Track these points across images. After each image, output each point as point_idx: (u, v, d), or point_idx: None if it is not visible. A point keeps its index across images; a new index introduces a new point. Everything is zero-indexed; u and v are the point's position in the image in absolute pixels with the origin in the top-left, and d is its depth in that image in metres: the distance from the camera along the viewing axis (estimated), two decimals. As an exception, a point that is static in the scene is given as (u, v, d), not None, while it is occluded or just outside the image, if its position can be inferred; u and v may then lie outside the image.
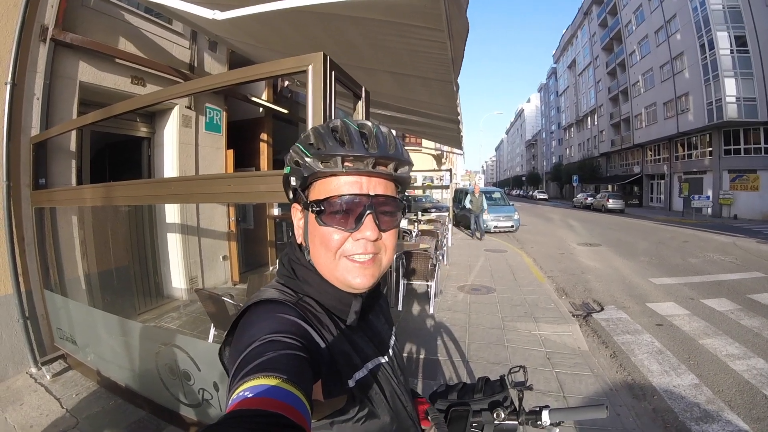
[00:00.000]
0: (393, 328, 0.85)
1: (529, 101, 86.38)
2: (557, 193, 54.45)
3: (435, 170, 20.39)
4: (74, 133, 3.73)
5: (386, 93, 4.34)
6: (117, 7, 4.12)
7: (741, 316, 4.90)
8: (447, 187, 15.30)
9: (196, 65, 5.14)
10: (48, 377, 3.08)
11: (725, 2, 22.63)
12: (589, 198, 30.45)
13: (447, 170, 15.59)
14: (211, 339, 3.21)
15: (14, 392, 2.87)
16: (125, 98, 3.40)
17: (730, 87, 22.25)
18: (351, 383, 0.61)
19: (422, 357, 3.63)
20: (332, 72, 1.51)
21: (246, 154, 6.16)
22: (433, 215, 11.90)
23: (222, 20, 2.07)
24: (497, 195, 15.15)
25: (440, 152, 22.38)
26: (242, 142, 6.06)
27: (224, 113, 5.57)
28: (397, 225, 0.67)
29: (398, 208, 0.67)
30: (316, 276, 0.67)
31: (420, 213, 12.06)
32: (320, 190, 0.63)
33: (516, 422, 0.85)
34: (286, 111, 6.74)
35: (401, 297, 4.93)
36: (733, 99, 22.13)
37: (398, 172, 0.65)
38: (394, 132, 0.69)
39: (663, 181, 29.56)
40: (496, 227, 13.31)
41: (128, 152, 5.00)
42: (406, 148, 0.68)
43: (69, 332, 3.17)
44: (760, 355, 3.77)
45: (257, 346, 0.50)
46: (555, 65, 58.59)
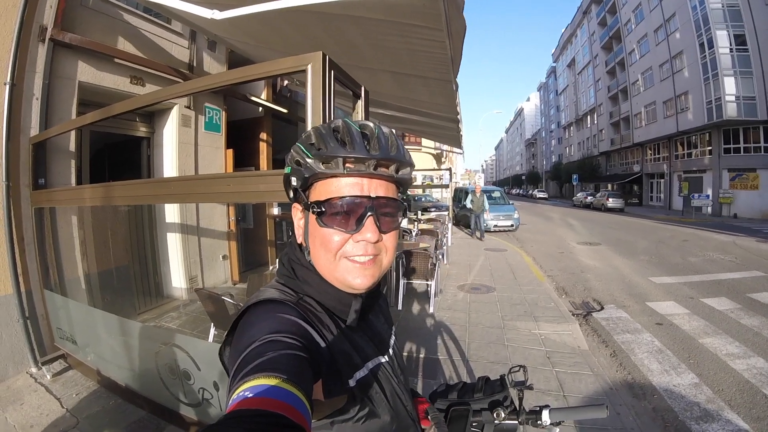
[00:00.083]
0: (393, 328, 0.85)
1: (529, 100, 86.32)
2: (557, 192, 54.43)
3: (435, 169, 20.37)
4: (73, 133, 3.73)
5: (386, 92, 4.34)
6: (116, 7, 4.11)
7: (741, 315, 4.90)
8: (447, 187, 15.30)
9: (195, 65, 5.14)
10: (48, 377, 3.08)
11: (724, 1, 22.59)
12: (589, 197, 30.42)
13: (447, 169, 15.57)
14: (211, 338, 3.21)
15: (14, 392, 2.88)
16: (124, 98, 3.41)
17: (730, 86, 22.23)
18: (351, 383, 0.61)
19: (422, 356, 3.63)
20: (331, 71, 1.51)
21: (245, 154, 6.16)
22: (433, 214, 11.90)
23: (221, 20, 2.07)
24: (497, 194, 15.16)
25: (440, 151, 22.36)
26: (242, 142, 6.06)
27: (223, 113, 5.57)
28: (398, 226, 0.67)
29: (399, 210, 0.67)
30: (316, 276, 0.66)
31: (420, 212, 12.05)
32: (321, 191, 0.63)
33: (516, 422, 0.85)
34: (286, 110, 6.74)
35: (401, 296, 4.93)
36: (733, 98, 22.11)
37: (399, 174, 0.65)
38: (395, 132, 0.68)
39: (663, 180, 29.56)
40: (496, 226, 13.32)
41: (127, 152, 5.00)
42: (406, 148, 0.68)
43: (69, 332, 3.17)
44: (760, 355, 3.78)
45: (257, 346, 0.49)
46: (554, 64, 58.53)
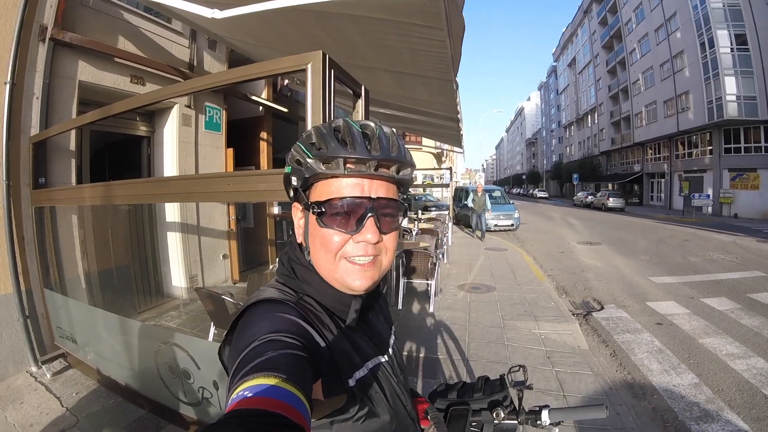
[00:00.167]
0: (392, 328, 0.85)
1: (529, 99, 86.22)
2: (557, 192, 54.39)
3: (435, 169, 20.38)
4: (74, 133, 3.72)
5: (386, 91, 4.34)
6: (116, 6, 4.11)
7: (741, 315, 4.90)
8: (447, 186, 15.29)
9: (196, 64, 5.13)
10: (48, 376, 3.08)
11: (725, 0, 22.57)
12: (590, 196, 30.41)
13: (447, 169, 15.57)
14: (211, 338, 3.21)
15: (14, 391, 2.88)
16: (125, 97, 3.41)
17: (731, 85, 22.20)
18: (351, 382, 0.61)
19: (422, 356, 3.63)
20: (331, 70, 1.51)
21: (246, 153, 6.15)
22: (433, 214, 11.90)
23: (221, 19, 2.07)
24: (497, 193, 15.15)
25: (440, 151, 22.36)
26: (242, 141, 6.05)
27: (224, 112, 5.57)
28: (398, 227, 0.67)
29: (399, 210, 0.66)
30: (316, 276, 0.66)
31: (420, 211, 12.05)
32: (321, 191, 0.63)
33: (515, 422, 0.85)
34: (286, 109, 6.73)
35: (401, 296, 4.93)
36: (734, 97, 22.08)
37: (400, 174, 0.65)
38: (396, 131, 0.68)
39: (663, 180, 29.53)
40: (496, 226, 13.32)
41: (128, 151, 5.00)
42: (407, 147, 0.67)
43: (69, 331, 3.17)
44: (760, 355, 3.77)
45: (257, 346, 0.49)
46: (555, 63, 58.47)
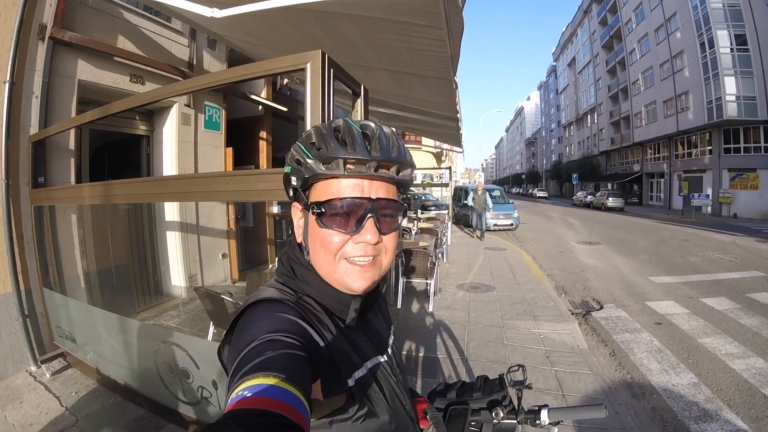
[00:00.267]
0: (392, 327, 0.85)
1: (529, 99, 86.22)
2: (557, 191, 54.42)
3: (435, 168, 20.38)
4: (73, 132, 3.72)
5: (385, 91, 4.34)
6: (116, 5, 4.10)
7: (740, 315, 4.90)
8: (446, 185, 15.30)
9: (195, 63, 5.13)
10: (47, 375, 3.08)
11: (725, 1, 22.57)
12: (589, 196, 30.41)
13: (447, 168, 15.58)
14: (210, 337, 3.21)
15: (14, 390, 2.87)
16: (124, 96, 3.40)
17: (730, 85, 22.21)
18: (350, 382, 0.61)
19: (421, 355, 3.63)
20: (331, 70, 1.51)
21: (245, 152, 6.15)
22: (433, 213, 11.90)
23: (221, 18, 2.07)
24: (497, 193, 15.15)
25: (440, 150, 22.38)
26: (241, 140, 6.05)
27: (223, 111, 5.57)
28: (398, 227, 0.67)
29: (399, 211, 0.66)
30: (316, 276, 0.66)
31: (419, 211, 12.06)
32: (321, 192, 0.63)
33: (515, 421, 0.85)
34: (286, 109, 6.73)
35: (400, 295, 4.93)
36: (733, 97, 22.09)
37: (400, 175, 0.65)
38: (395, 131, 0.68)
39: (663, 180, 29.55)
40: (496, 225, 13.33)
41: (127, 150, 4.99)
42: (407, 147, 0.67)
43: (68, 330, 3.17)
44: (759, 355, 3.78)
45: (256, 345, 0.49)
46: (555, 63, 58.45)
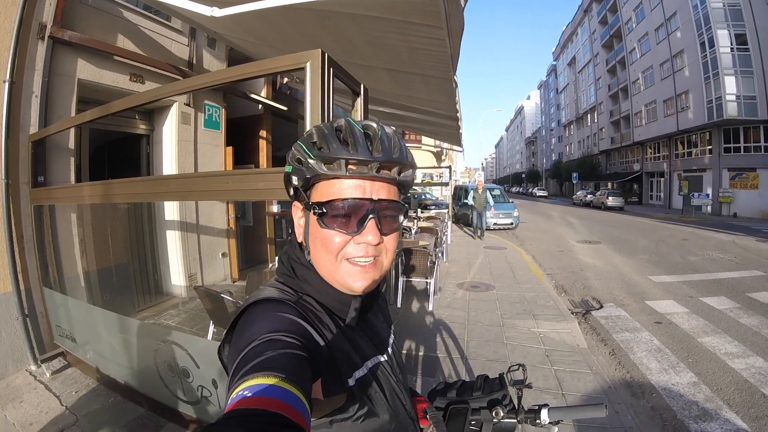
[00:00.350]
0: (392, 327, 0.85)
1: (529, 98, 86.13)
2: (557, 191, 54.40)
3: (434, 167, 20.38)
4: (73, 131, 3.71)
5: (385, 90, 4.34)
6: (115, 5, 4.09)
7: (740, 315, 4.91)
8: (446, 184, 15.30)
9: (195, 62, 5.12)
10: (47, 375, 3.08)
11: (725, 0, 22.55)
12: (589, 195, 30.41)
13: (446, 167, 15.57)
14: (210, 336, 3.21)
15: (14, 390, 2.88)
16: (124, 95, 3.40)
17: (730, 85, 22.20)
18: (351, 382, 0.61)
19: (421, 354, 3.63)
20: (330, 69, 1.51)
21: (245, 151, 6.15)
22: (433, 212, 11.91)
23: (220, 17, 2.06)
24: (497, 192, 15.15)
25: (440, 149, 22.36)
26: (241, 139, 6.05)
27: (223, 110, 5.56)
28: (399, 228, 0.67)
29: (400, 211, 0.66)
30: (316, 275, 0.66)
31: (419, 210, 12.06)
32: (323, 192, 0.63)
33: (515, 421, 0.85)
34: (285, 108, 6.72)
35: (400, 294, 4.93)
36: (733, 97, 22.09)
37: (401, 176, 0.64)
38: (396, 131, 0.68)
39: (663, 179, 29.55)
40: (496, 224, 13.35)
41: (127, 149, 4.98)
42: (407, 146, 0.67)
43: (68, 330, 3.17)
44: (759, 354, 3.78)
45: (256, 345, 0.49)
46: (555, 62, 58.39)
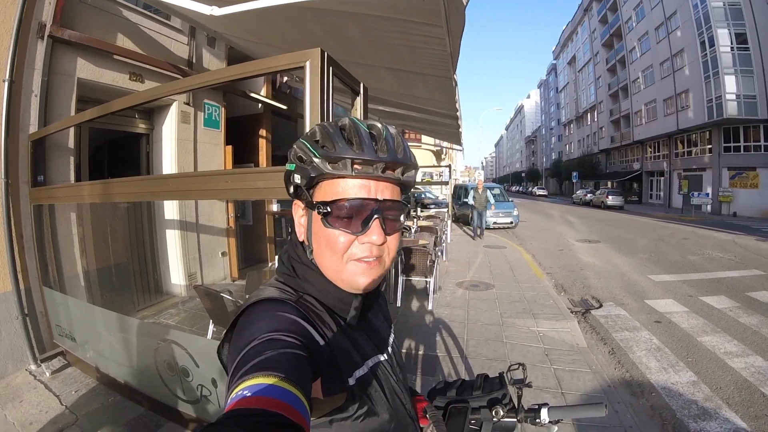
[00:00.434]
0: (392, 326, 0.85)
1: (529, 97, 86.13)
2: (557, 190, 54.41)
3: (434, 166, 20.37)
4: (72, 130, 3.71)
5: (385, 89, 4.33)
6: (115, 4, 4.09)
7: (740, 314, 4.91)
8: (446, 183, 15.30)
9: (195, 61, 5.11)
10: (47, 374, 3.08)
11: (726, -1, 22.57)
12: (589, 194, 30.40)
13: (446, 166, 15.54)
14: (210, 335, 3.20)
15: (14, 389, 2.88)
16: (123, 95, 3.39)
17: (730, 84, 22.19)
18: (351, 381, 0.61)
19: (421, 353, 3.63)
20: (330, 68, 1.51)
21: (245, 151, 6.15)
22: (433, 211, 11.91)
23: (220, 16, 2.06)
24: (497, 191, 15.14)
25: (439, 148, 22.33)
26: (241, 138, 6.05)
27: (223, 109, 5.56)
28: (401, 228, 0.67)
29: (402, 212, 0.67)
30: (317, 274, 0.66)
31: (419, 209, 12.06)
32: (326, 191, 0.62)
33: (515, 420, 0.85)
34: (285, 107, 6.72)
35: (400, 293, 4.93)
36: (733, 96, 22.08)
37: (405, 176, 0.65)
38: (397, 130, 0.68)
39: (662, 178, 29.56)
40: (495, 223, 13.36)
41: (127, 149, 4.98)
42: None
43: (68, 329, 3.17)
44: (758, 353, 3.79)
45: (256, 345, 0.49)
46: (555, 61, 58.34)
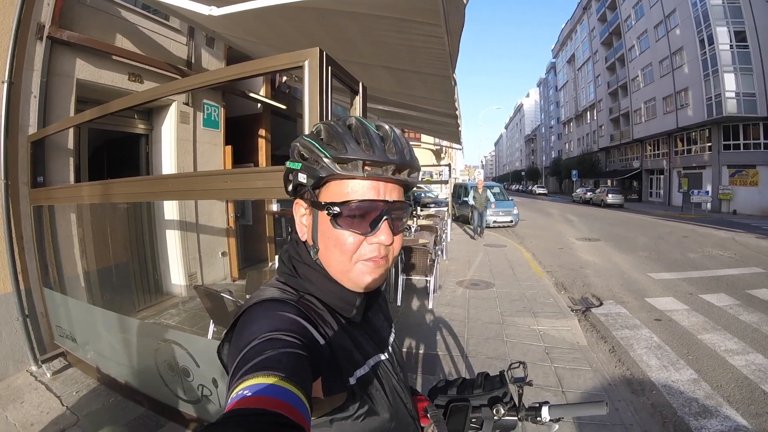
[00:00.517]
0: (392, 326, 0.85)
1: (528, 96, 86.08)
2: (556, 188, 54.40)
3: (434, 165, 20.36)
4: (72, 131, 3.70)
5: (384, 88, 4.33)
6: (114, 4, 4.09)
7: (740, 312, 4.91)
8: (446, 182, 15.30)
9: (194, 61, 5.11)
10: (48, 375, 3.08)
11: (725, -3, 22.54)
12: (589, 193, 30.41)
13: (446, 165, 15.54)
14: (210, 335, 3.21)
15: (15, 390, 2.88)
16: (123, 95, 3.39)
17: (730, 82, 22.17)
18: (352, 381, 0.61)
19: (421, 352, 3.64)
20: (329, 67, 1.50)
21: (244, 150, 6.15)
22: (433, 210, 11.91)
23: (218, 16, 2.05)
24: (496, 190, 15.14)
25: (439, 147, 22.32)
26: (240, 138, 6.04)
27: (222, 109, 5.56)
28: (405, 228, 0.68)
29: (407, 212, 0.68)
30: (319, 274, 0.66)
31: (419, 208, 12.06)
32: (335, 192, 0.62)
33: (515, 418, 0.85)
34: (284, 107, 6.72)
35: (400, 292, 4.94)
36: (733, 94, 22.06)
37: (410, 178, 0.66)
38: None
39: (662, 176, 29.55)
40: (495, 222, 13.36)
41: (126, 149, 4.98)
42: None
43: (69, 330, 3.17)
44: (759, 351, 3.79)
45: (257, 344, 0.49)
46: (554, 60, 58.27)
